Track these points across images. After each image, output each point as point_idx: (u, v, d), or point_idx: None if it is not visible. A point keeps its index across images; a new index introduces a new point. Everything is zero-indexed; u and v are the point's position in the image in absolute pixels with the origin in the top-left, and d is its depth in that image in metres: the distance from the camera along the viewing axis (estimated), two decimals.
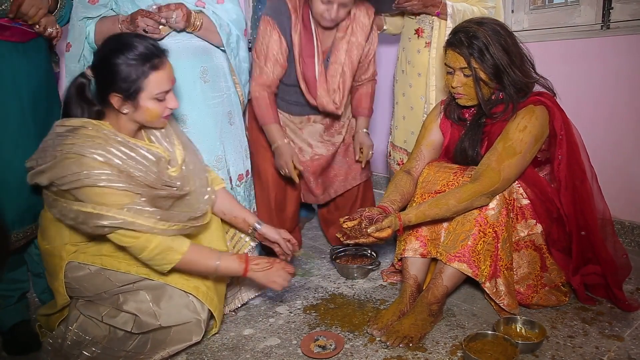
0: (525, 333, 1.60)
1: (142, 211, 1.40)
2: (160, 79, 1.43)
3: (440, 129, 1.89)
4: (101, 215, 1.36)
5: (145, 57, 1.40)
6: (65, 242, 1.52)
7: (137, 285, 1.52)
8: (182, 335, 1.54)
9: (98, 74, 1.44)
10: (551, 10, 2.53)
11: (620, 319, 1.70)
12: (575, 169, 1.69)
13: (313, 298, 1.95)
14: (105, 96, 1.42)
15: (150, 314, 1.50)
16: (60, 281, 1.52)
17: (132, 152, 1.42)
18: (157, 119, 1.48)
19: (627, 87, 2.23)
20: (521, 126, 1.64)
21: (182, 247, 1.45)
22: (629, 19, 2.23)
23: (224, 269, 1.52)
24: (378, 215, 1.64)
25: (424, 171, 1.84)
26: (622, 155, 2.29)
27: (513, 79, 1.65)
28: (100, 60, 1.44)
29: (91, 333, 1.52)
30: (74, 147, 1.36)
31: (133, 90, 1.40)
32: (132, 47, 1.40)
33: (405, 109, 2.24)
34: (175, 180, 1.52)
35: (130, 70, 1.38)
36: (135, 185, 1.40)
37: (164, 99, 1.46)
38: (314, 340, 1.62)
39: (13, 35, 1.59)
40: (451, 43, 1.68)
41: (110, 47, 1.43)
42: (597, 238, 1.70)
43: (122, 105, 1.42)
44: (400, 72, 2.27)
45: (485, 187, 1.62)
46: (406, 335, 1.59)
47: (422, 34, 2.10)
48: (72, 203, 1.40)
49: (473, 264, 1.65)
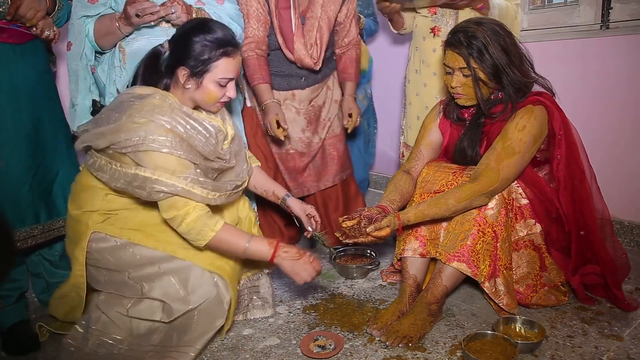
0: (524, 333, 1.60)
1: (198, 181, 1.46)
2: (228, 65, 1.50)
3: (440, 129, 1.89)
4: (160, 181, 1.41)
5: (221, 43, 1.48)
6: (95, 208, 1.54)
7: (162, 268, 1.53)
8: (206, 320, 1.54)
9: (174, 46, 1.52)
10: (550, 10, 2.53)
11: (619, 318, 1.70)
12: (574, 169, 1.69)
13: (312, 298, 1.95)
14: (174, 68, 1.50)
15: (179, 299, 1.51)
16: (81, 249, 1.53)
17: (195, 122, 1.48)
18: (214, 102, 1.54)
19: (627, 87, 2.23)
20: (520, 126, 1.64)
21: (216, 225, 1.48)
22: (628, 19, 2.23)
23: (252, 251, 1.53)
24: (377, 215, 1.64)
25: (423, 171, 1.84)
26: (621, 155, 2.29)
27: (512, 79, 1.65)
28: (180, 35, 1.52)
29: (114, 331, 1.54)
30: (142, 112, 1.41)
31: (200, 69, 1.47)
32: (212, 31, 1.48)
33: (420, 109, 2.22)
34: (226, 154, 1.58)
35: (205, 50, 1.47)
36: (194, 155, 1.46)
37: (225, 86, 1.53)
38: (314, 340, 1.62)
39: (10, 37, 1.59)
40: (450, 43, 1.68)
41: (192, 25, 1.52)
42: (596, 238, 1.70)
43: (186, 81, 1.49)
44: (414, 72, 2.25)
45: (485, 187, 1.62)
46: (405, 335, 1.59)
47: (439, 33, 2.10)
48: (129, 167, 1.44)
49: (472, 264, 1.65)
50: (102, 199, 1.54)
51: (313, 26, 2.08)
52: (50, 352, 1.65)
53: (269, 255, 1.54)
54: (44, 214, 1.72)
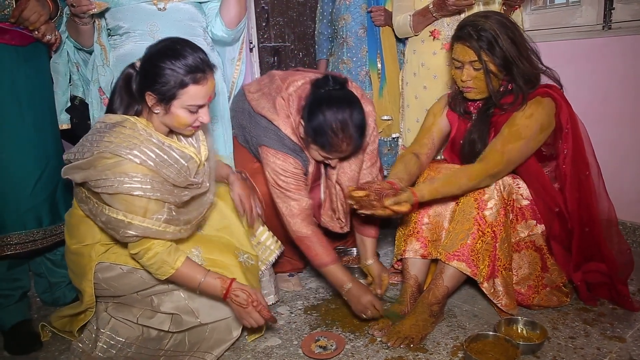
0: (526, 334, 1.60)
1: (171, 219, 1.42)
2: (197, 93, 1.41)
3: (448, 118, 1.88)
4: (133, 225, 1.37)
5: (190, 69, 1.38)
6: (96, 240, 1.52)
7: (171, 285, 1.53)
8: (221, 334, 1.55)
9: (142, 70, 1.44)
10: (552, 10, 2.52)
11: (622, 320, 1.69)
12: (580, 164, 1.70)
13: (314, 298, 1.95)
14: (142, 92, 1.43)
15: (189, 312, 1.52)
16: (89, 282, 1.52)
17: (165, 155, 1.42)
18: (184, 127, 1.46)
19: (629, 87, 2.23)
20: (527, 113, 1.65)
21: (176, 263, 1.45)
22: (630, 19, 2.23)
23: (205, 286, 1.48)
24: (387, 190, 1.62)
25: (425, 172, 1.84)
26: (624, 155, 2.29)
27: (522, 70, 1.66)
28: (148, 59, 1.43)
29: (124, 334, 1.55)
30: (111, 146, 1.36)
31: (168, 95, 1.39)
32: (181, 56, 1.38)
33: (419, 112, 2.20)
34: (199, 177, 1.53)
35: (171, 77, 1.37)
36: (165, 189, 1.41)
37: (197, 112, 1.45)
38: (315, 341, 1.62)
39: (13, 39, 1.60)
40: (459, 37, 1.68)
41: (161, 48, 1.42)
42: (600, 234, 1.70)
43: (154, 105, 1.42)
44: (412, 74, 2.24)
45: (491, 167, 1.63)
46: (407, 336, 1.58)
47: (439, 36, 2.10)
48: (103, 206, 1.40)
49: (472, 263, 1.65)
50: (100, 230, 1.51)
51: (337, 189, 1.87)
52: (52, 351, 1.66)
53: (222, 294, 1.49)
54: (47, 219, 1.72)
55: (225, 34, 1.89)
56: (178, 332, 1.56)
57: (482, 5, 1.99)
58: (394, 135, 2.42)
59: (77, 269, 1.56)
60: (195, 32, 1.83)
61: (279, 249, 1.85)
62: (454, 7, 1.95)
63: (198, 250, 1.57)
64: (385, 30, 2.36)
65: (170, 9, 1.75)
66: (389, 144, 2.46)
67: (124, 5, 1.73)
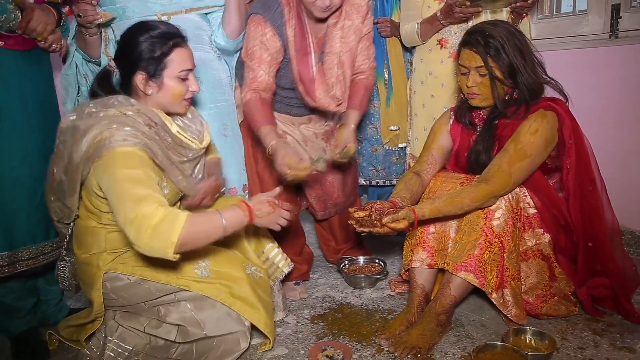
0: (534, 344, 1.59)
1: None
2: (183, 56, 1.46)
3: (451, 134, 1.89)
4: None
5: (167, 36, 1.45)
6: (102, 249, 1.53)
7: (178, 296, 1.54)
8: (229, 345, 1.55)
9: (122, 58, 1.47)
10: (559, 19, 2.53)
11: (631, 330, 1.67)
12: (584, 179, 1.69)
13: (321, 308, 1.94)
14: (129, 79, 1.45)
15: (195, 324, 1.53)
16: (97, 291, 1.53)
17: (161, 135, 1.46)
18: (179, 99, 1.50)
19: (636, 97, 2.22)
20: (532, 129, 1.64)
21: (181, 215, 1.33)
22: (637, 28, 2.23)
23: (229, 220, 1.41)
24: (388, 209, 1.64)
25: (431, 182, 1.84)
26: (632, 164, 2.28)
27: (526, 79, 1.66)
28: (124, 43, 1.47)
29: (131, 343, 1.55)
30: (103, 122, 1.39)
31: (157, 67, 1.43)
32: (153, 27, 1.45)
33: (427, 120, 2.21)
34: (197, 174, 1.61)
35: (155, 47, 1.42)
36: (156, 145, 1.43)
37: (187, 79, 1.49)
38: (322, 350, 1.62)
39: (17, 44, 1.60)
40: (467, 42, 1.69)
41: (131, 30, 1.48)
42: (605, 249, 1.69)
43: (146, 85, 1.44)
44: (419, 83, 2.25)
45: (497, 189, 1.63)
46: (414, 345, 1.58)
47: (446, 45, 2.11)
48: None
49: (480, 274, 1.64)
50: (104, 239, 1.52)
51: (333, 63, 1.90)
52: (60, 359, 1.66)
53: (247, 218, 1.46)
54: (53, 230, 1.68)
55: (227, 44, 1.91)
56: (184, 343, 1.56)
57: (490, 14, 2.01)
58: (401, 145, 2.42)
59: (87, 279, 1.57)
60: (202, 40, 1.86)
61: (288, 267, 1.86)
62: (461, 14, 1.96)
63: (205, 262, 1.57)
64: (391, 40, 2.37)
65: (175, 20, 1.76)
66: (397, 153, 2.46)
67: (129, 17, 1.76)
